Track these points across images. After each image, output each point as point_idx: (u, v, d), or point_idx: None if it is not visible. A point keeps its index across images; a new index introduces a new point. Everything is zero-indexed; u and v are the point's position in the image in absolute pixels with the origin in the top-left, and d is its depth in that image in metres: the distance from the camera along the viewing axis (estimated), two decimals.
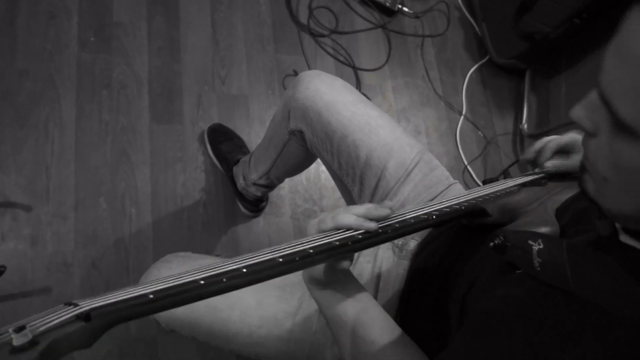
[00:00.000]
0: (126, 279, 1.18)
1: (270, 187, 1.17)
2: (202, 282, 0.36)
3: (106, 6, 1.39)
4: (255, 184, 1.14)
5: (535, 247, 0.43)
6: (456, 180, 0.82)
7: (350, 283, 0.56)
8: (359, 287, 0.56)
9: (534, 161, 0.72)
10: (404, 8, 1.72)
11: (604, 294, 0.37)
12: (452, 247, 0.65)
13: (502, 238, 0.47)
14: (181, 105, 1.37)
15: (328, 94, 0.80)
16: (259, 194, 1.20)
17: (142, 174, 1.28)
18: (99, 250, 1.18)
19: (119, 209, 1.23)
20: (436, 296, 0.61)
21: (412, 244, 0.75)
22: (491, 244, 0.48)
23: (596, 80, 0.35)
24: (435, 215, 0.54)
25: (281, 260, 0.41)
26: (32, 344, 0.27)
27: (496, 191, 0.63)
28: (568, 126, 1.47)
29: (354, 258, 0.74)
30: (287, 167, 1.02)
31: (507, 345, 0.39)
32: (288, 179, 1.36)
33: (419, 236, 0.75)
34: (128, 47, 1.38)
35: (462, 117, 1.67)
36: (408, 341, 0.54)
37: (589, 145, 0.39)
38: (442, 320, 0.58)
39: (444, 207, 0.55)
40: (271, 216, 1.35)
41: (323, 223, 0.49)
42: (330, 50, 1.60)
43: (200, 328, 0.73)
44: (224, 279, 0.38)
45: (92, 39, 1.35)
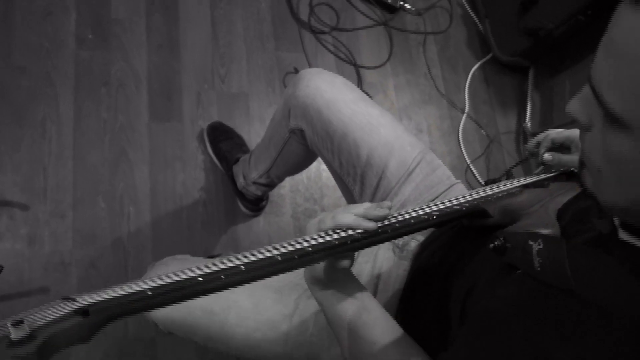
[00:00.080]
0: (125, 279, 1.17)
1: (270, 186, 1.17)
2: (201, 279, 0.36)
3: (104, 3, 1.38)
4: (255, 183, 1.13)
5: (535, 247, 0.43)
6: (458, 180, 0.82)
7: (351, 283, 0.56)
8: (360, 287, 0.56)
9: (536, 153, 0.74)
10: (406, 5, 1.71)
11: (605, 293, 0.37)
12: (454, 248, 0.65)
13: (502, 239, 0.47)
14: (180, 103, 1.37)
15: (329, 92, 0.80)
16: (259, 193, 1.20)
17: (141, 173, 1.27)
18: (97, 249, 1.18)
19: (118, 208, 1.22)
20: (437, 297, 0.61)
21: (413, 244, 0.75)
22: (491, 246, 0.48)
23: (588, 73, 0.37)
24: (435, 215, 0.54)
25: (280, 258, 0.41)
26: (30, 338, 0.27)
27: (498, 192, 0.63)
28: (572, 124, 1.46)
29: (354, 258, 0.74)
30: (288, 166, 1.02)
31: (507, 344, 0.39)
32: (289, 178, 1.35)
33: (421, 236, 0.75)
34: (126, 45, 1.37)
35: (465, 116, 1.66)
36: (410, 342, 0.54)
37: (585, 138, 0.40)
38: (443, 320, 0.58)
39: (445, 208, 0.56)
40: (271, 215, 1.34)
41: (322, 222, 0.49)
42: (331, 47, 1.59)
43: (197, 331, 0.73)
44: (223, 276, 0.38)
45: (90, 36, 1.34)
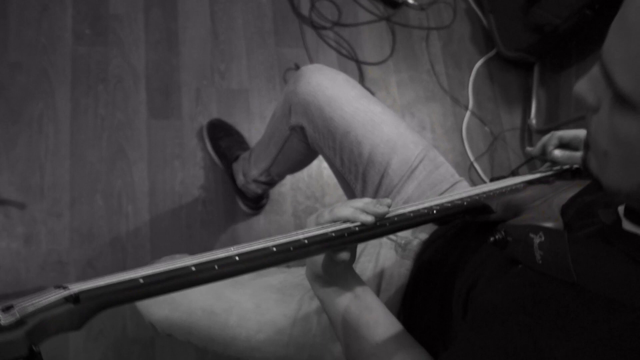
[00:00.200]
0: None
1: (270, 184, 1.16)
2: (194, 269, 0.37)
3: None
4: (255, 181, 1.13)
5: (536, 240, 0.43)
6: (462, 177, 0.81)
7: (352, 279, 0.56)
8: (362, 285, 0.56)
9: (542, 155, 0.73)
10: (409, 0, 1.68)
11: (607, 283, 0.37)
12: (456, 245, 0.64)
13: (503, 233, 0.47)
14: (179, 100, 1.35)
15: (330, 89, 0.79)
16: (260, 191, 1.19)
17: (140, 171, 1.26)
18: (95, 249, 1.17)
19: (116, 207, 1.21)
20: (439, 294, 0.61)
21: (415, 243, 0.74)
22: (491, 239, 0.48)
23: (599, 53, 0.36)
24: (436, 210, 0.53)
25: (275, 249, 0.41)
26: (20, 324, 0.27)
27: (501, 188, 0.62)
28: (578, 122, 1.44)
29: (355, 253, 0.73)
30: (288, 164, 1.02)
31: (507, 339, 0.39)
32: (289, 176, 1.34)
33: (424, 234, 0.75)
34: (124, 40, 1.35)
35: (469, 112, 1.65)
36: (412, 341, 0.54)
37: (592, 120, 0.39)
38: (446, 318, 0.58)
39: (446, 202, 0.55)
40: (272, 214, 1.33)
41: (321, 217, 0.49)
42: (332, 43, 1.57)
43: (197, 333, 0.72)
44: (216, 266, 0.38)
45: (87, 32, 1.33)
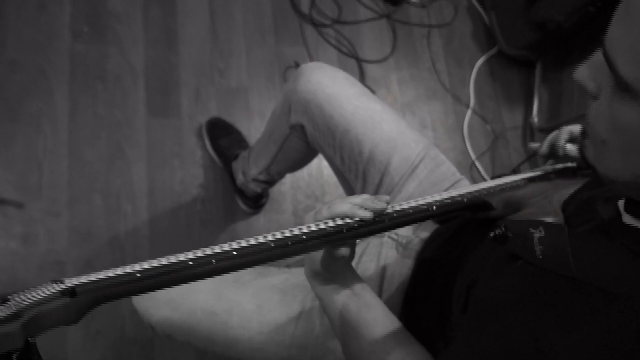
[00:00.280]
0: None
1: (270, 183, 1.16)
2: (191, 263, 0.36)
3: None
4: (255, 180, 1.12)
5: (536, 235, 0.43)
6: (463, 176, 0.81)
7: (351, 277, 0.56)
8: (361, 283, 0.56)
9: (550, 153, 0.72)
10: None
11: (608, 277, 0.37)
12: (457, 243, 0.64)
13: (503, 228, 0.47)
14: (178, 98, 1.34)
15: (330, 87, 0.79)
16: (259, 190, 1.18)
17: (138, 170, 1.25)
18: (94, 248, 1.16)
19: (115, 206, 1.20)
20: (440, 292, 0.61)
21: (417, 242, 0.74)
22: (491, 235, 0.48)
23: (601, 40, 0.36)
24: (435, 206, 0.53)
25: (273, 244, 0.41)
26: (15, 316, 0.27)
27: (501, 184, 0.62)
28: (581, 119, 1.42)
29: (356, 258, 0.72)
30: (288, 163, 1.01)
31: (507, 335, 0.39)
32: (289, 175, 1.33)
33: (426, 232, 0.74)
34: (123, 38, 1.34)
35: (470, 111, 1.64)
36: (412, 340, 0.54)
37: (591, 107, 0.39)
38: (447, 315, 0.58)
39: (445, 199, 0.55)
40: (272, 213, 1.32)
41: (319, 213, 0.49)
42: (333, 41, 1.56)
43: (197, 334, 0.71)
44: (214, 261, 0.38)
45: (86, 29, 1.32)
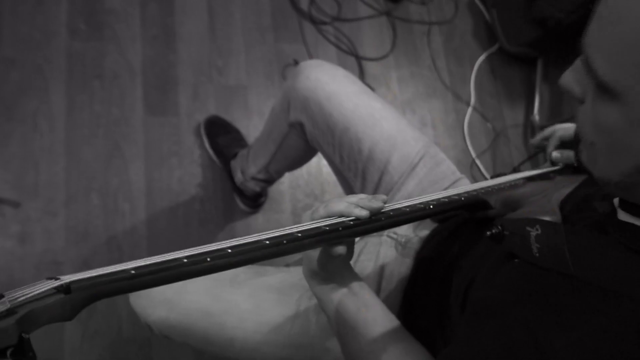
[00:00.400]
0: None
1: (269, 182, 1.15)
2: (185, 260, 0.37)
3: None
4: (254, 179, 1.12)
5: (533, 233, 0.43)
6: (463, 174, 0.81)
7: (349, 277, 0.55)
8: (359, 282, 0.56)
9: (542, 148, 0.73)
10: None
11: (604, 273, 0.37)
12: (455, 241, 0.64)
13: (500, 227, 0.47)
14: (176, 96, 1.34)
15: (330, 85, 0.79)
16: (258, 189, 1.18)
17: (136, 169, 1.24)
18: (91, 248, 1.15)
19: (112, 206, 1.20)
20: (439, 291, 0.61)
21: (415, 241, 0.73)
22: (488, 233, 0.48)
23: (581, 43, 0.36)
24: (432, 205, 0.53)
25: (268, 242, 0.41)
26: (10, 313, 0.27)
27: (500, 183, 0.62)
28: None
29: (354, 257, 0.72)
30: (287, 161, 1.01)
31: (506, 334, 0.39)
32: (288, 174, 1.33)
33: (425, 230, 0.74)
34: (120, 36, 1.33)
35: (471, 109, 1.63)
36: (411, 339, 0.54)
37: (579, 111, 0.39)
38: (445, 314, 0.58)
39: (443, 198, 0.55)
40: (271, 212, 1.31)
41: (316, 212, 0.49)
42: (332, 38, 1.55)
43: (194, 334, 0.71)
44: (208, 259, 0.38)
45: (83, 27, 1.31)
